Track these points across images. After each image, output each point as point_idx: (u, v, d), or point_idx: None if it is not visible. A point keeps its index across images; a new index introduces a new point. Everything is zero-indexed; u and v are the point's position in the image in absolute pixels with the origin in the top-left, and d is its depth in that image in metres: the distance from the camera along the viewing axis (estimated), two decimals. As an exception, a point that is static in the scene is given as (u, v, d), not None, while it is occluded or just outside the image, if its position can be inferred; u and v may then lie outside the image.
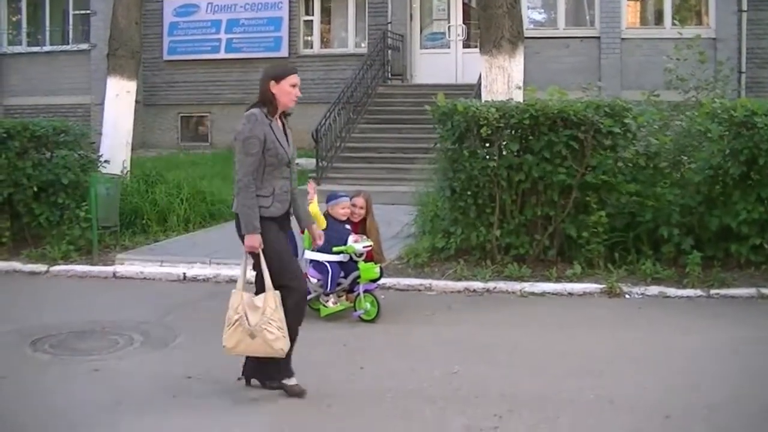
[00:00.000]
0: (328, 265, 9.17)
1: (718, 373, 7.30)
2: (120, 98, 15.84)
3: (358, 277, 9.24)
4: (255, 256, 6.58)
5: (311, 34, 24.60)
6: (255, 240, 6.50)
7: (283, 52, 24.13)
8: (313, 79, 23.58)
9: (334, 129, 19.20)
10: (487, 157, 10.97)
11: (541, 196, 10.89)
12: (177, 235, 13.72)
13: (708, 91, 12.70)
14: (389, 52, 22.53)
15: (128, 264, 12.10)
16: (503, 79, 12.65)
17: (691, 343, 8.28)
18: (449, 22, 23.25)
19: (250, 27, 24.51)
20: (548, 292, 10.30)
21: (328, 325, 9.08)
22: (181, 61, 25.14)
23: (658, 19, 22.01)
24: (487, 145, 11.02)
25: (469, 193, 11.03)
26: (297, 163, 20.37)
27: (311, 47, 24.61)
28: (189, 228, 14.15)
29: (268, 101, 6.69)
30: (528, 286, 10.43)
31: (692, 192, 10.78)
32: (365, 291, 9.20)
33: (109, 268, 11.96)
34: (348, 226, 9.41)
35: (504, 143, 10.96)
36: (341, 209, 9.34)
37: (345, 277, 9.27)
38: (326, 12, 24.82)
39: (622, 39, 21.47)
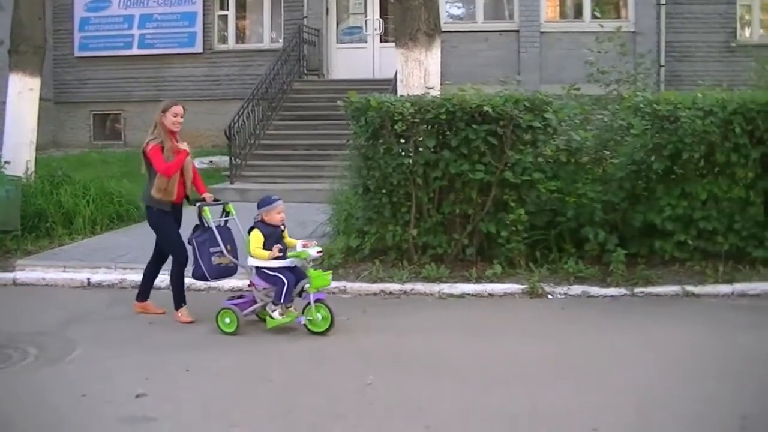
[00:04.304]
0: (281, 275, 8.49)
1: (649, 377, 6.98)
2: (23, 96, 15.13)
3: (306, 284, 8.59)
4: None
5: (226, 30, 24.04)
6: None
7: (198, 48, 23.65)
8: (228, 75, 23.31)
9: (248, 126, 18.60)
10: (403, 153, 10.58)
11: (459, 194, 10.52)
12: (83, 238, 13.06)
13: (629, 84, 12.45)
14: (305, 47, 22.03)
15: (29, 270, 11.47)
16: (419, 73, 12.27)
17: (617, 344, 7.97)
18: (366, 16, 22.80)
19: (164, 22, 23.90)
20: (468, 294, 9.94)
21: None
22: (93, 57, 24.42)
23: (578, 12, 21.81)
24: (403, 141, 10.62)
25: (383, 191, 10.64)
26: (211, 161, 19.58)
27: (226, 42, 24.05)
28: (96, 230, 13.49)
29: None
30: (447, 288, 10.07)
31: (615, 188, 10.52)
32: (316, 300, 8.50)
33: (9, 275, 11.34)
34: (282, 228, 8.77)
35: (420, 139, 10.55)
36: (277, 214, 8.70)
37: (295, 285, 8.61)
38: (241, 7, 24.24)
39: (542, 32, 21.24)
